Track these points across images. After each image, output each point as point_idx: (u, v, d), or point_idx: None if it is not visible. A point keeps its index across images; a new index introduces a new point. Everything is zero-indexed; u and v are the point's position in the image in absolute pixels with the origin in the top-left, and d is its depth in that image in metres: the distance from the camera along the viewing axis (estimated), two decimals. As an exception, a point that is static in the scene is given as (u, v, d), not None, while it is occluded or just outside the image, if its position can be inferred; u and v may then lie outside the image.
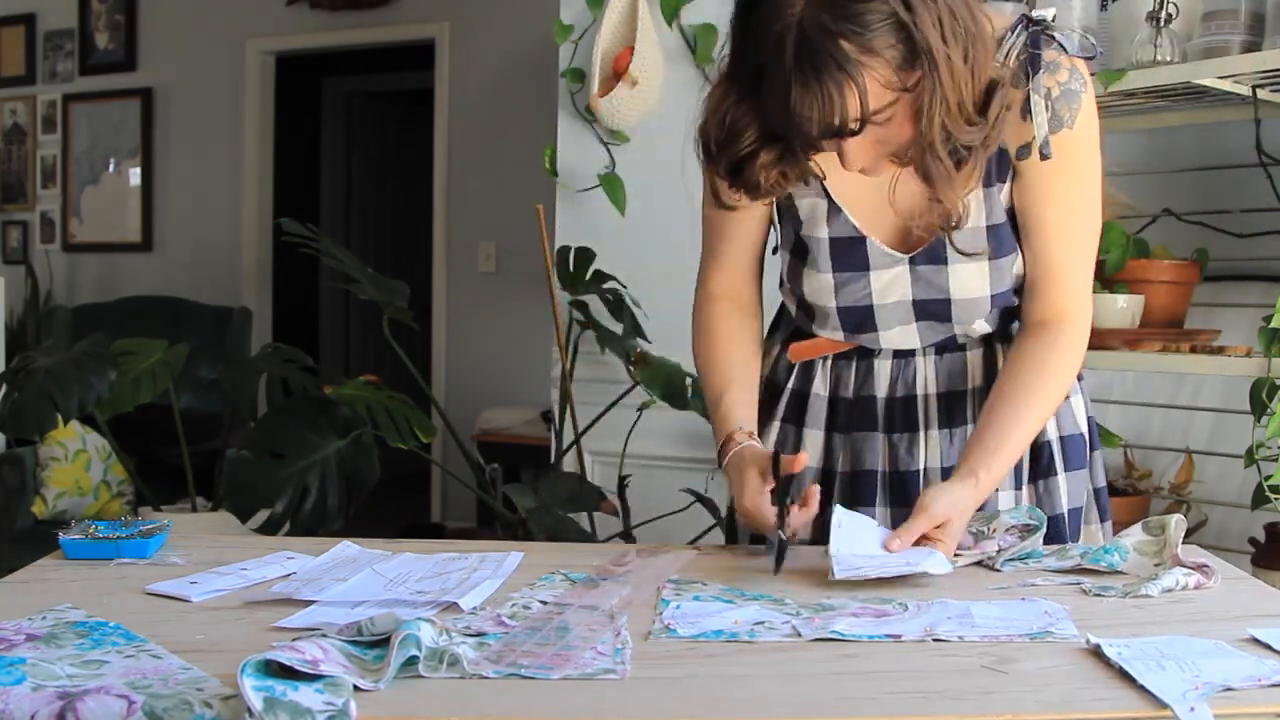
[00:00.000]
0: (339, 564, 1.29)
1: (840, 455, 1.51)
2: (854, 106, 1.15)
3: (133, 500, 3.99)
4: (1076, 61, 1.34)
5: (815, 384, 1.54)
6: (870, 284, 1.43)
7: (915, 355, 1.49)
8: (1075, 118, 1.33)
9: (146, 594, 1.17)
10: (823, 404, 1.53)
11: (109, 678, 0.90)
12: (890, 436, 1.49)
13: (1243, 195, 2.49)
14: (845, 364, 1.52)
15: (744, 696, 0.91)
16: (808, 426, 1.53)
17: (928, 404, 1.48)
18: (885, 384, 1.49)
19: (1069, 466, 1.50)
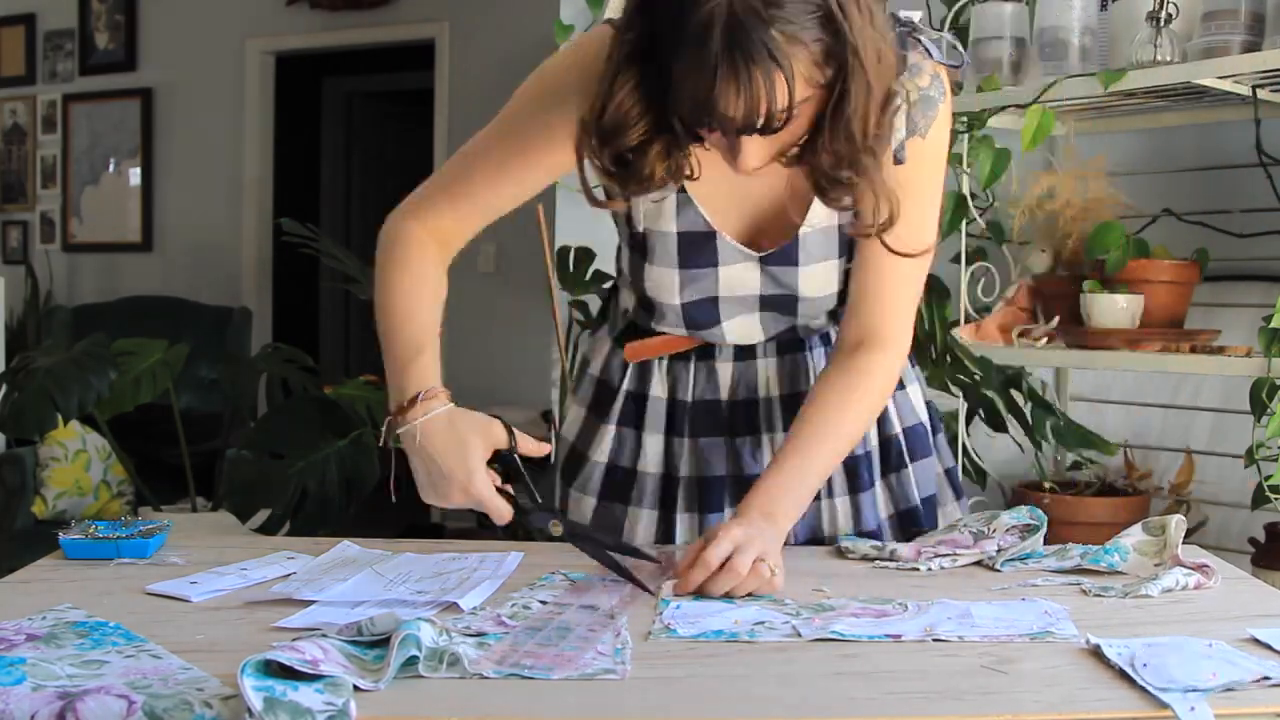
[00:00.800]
0: (339, 564, 1.29)
1: (683, 460, 1.46)
2: (781, 99, 1.09)
3: (133, 500, 3.99)
4: (940, 68, 1.30)
5: (653, 386, 1.48)
6: (718, 279, 1.38)
7: (757, 357, 1.46)
8: (929, 127, 1.29)
9: (146, 594, 1.17)
10: (661, 406, 1.47)
11: (109, 678, 0.90)
12: (734, 440, 1.45)
13: (1243, 195, 2.49)
14: (683, 365, 1.47)
15: (744, 696, 0.91)
16: (647, 431, 1.47)
17: (770, 406, 1.45)
18: (727, 387, 1.46)
19: (915, 456, 1.48)
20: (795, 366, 1.46)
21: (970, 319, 2.57)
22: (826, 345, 1.47)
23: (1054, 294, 2.51)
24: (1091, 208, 2.48)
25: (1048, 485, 2.53)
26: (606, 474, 1.50)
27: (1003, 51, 2.49)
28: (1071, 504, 2.46)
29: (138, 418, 3.61)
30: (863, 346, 1.35)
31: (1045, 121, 2.34)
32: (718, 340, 1.45)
